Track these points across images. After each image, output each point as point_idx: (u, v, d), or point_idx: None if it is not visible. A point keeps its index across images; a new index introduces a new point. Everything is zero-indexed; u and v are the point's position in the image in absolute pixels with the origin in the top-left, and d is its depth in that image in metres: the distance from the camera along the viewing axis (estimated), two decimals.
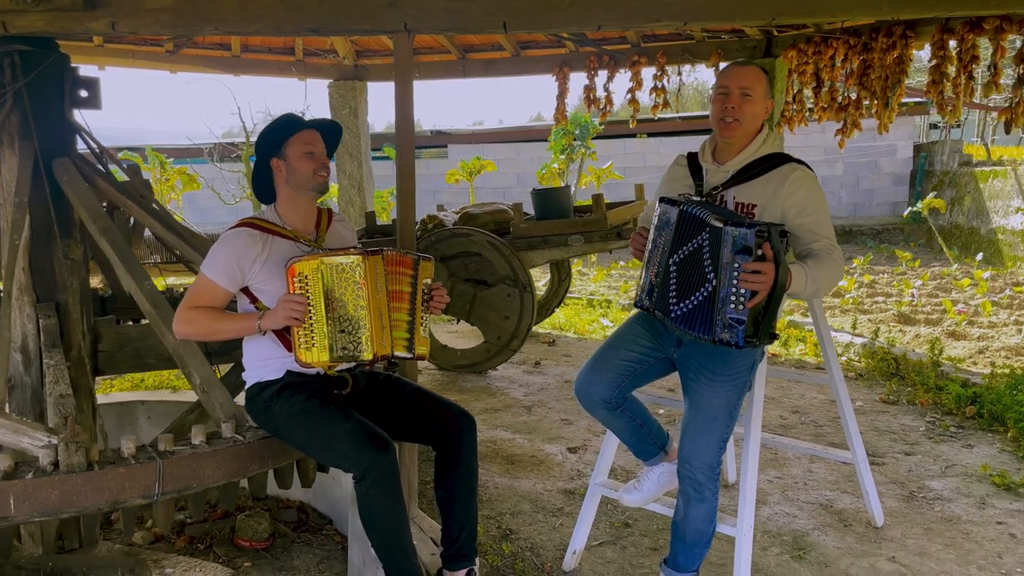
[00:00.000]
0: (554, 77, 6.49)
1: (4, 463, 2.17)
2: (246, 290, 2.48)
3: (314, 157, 2.49)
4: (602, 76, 6.30)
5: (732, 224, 2.24)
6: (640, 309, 2.60)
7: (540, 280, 8.94)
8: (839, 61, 5.48)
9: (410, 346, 2.47)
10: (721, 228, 2.26)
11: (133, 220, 4.01)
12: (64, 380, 2.79)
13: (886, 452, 4.15)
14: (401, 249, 2.68)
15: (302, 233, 2.55)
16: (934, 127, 17.67)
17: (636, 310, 2.67)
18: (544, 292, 7.10)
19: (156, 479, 2.25)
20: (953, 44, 4.68)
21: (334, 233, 2.68)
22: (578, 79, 6.45)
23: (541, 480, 3.87)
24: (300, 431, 2.40)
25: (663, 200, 2.50)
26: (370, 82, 7.58)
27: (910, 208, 12.67)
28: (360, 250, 2.39)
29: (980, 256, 10.57)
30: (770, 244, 2.22)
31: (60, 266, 3.24)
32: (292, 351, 2.37)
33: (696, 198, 2.51)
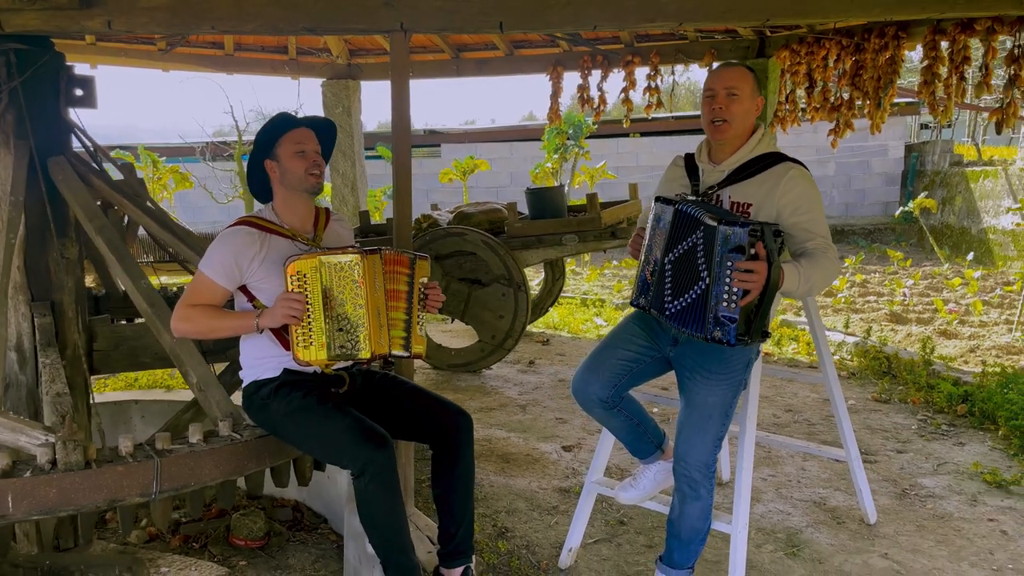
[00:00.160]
0: (548, 76, 6.49)
1: (2, 461, 2.17)
2: (244, 288, 2.48)
3: (305, 156, 2.48)
4: (595, 76, 6.30)
5: (726, 223, 2.26)
6: (636, 307, 2.62)
7: (534, 279, 8.95)
8: (832, 61, 5.51)
9: (407, 345, 2.47)
10: (715, 227, 2.28)
11: (127, 219, 4.00)
12: (60, 379, 2.78)
13: (878, 450, 4.17)
14: (398, 248, 2.69)
15: (300, 232, 2.55)
16: (925, 127, 17.76)
17: (632, 309, 2.69)
18: (538, 291, 7.11)
19: (154, 477, 2.25)
20: (945, 45, 4.71)
21: (332, 232, 2.68)
22: (572, 78, 6.47)
23: (536, 478, 3.88)
24: (298, 428, 2.40)
25: (659, 199, 2.52)
26: (363, 81, 7.58)
27: (901, 208, 12.70)
28: (358, 249, 2.39)
29: (971, 256, 10.62)
30: (763, 243, 2.23)
31: (55, 265, 3.23)
32: (290, 349, 2.37)
33: (691, 197, 2.53)
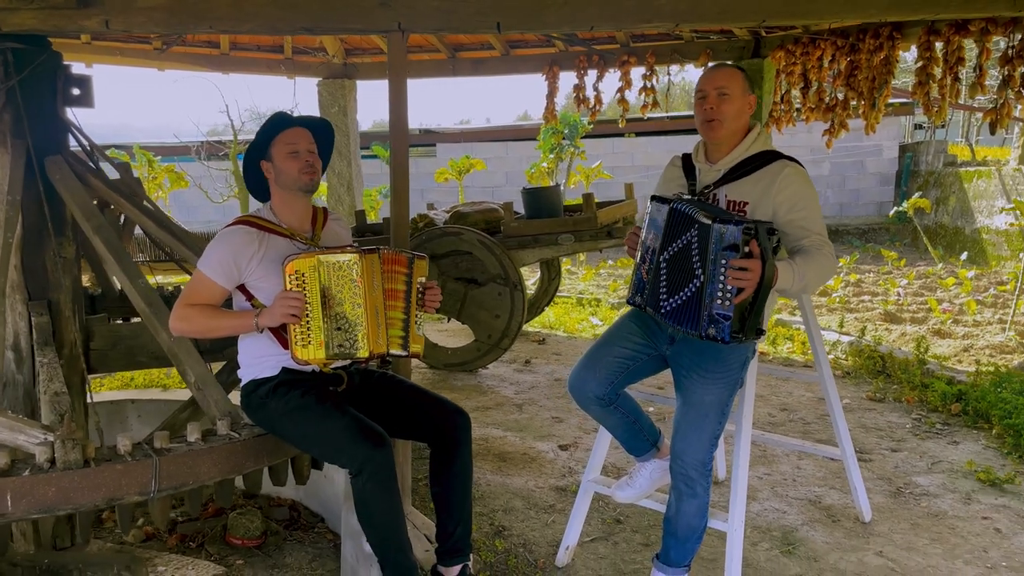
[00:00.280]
0: (544, 76, 6.51)
1: (1, 460, 2.17)
2: (242, 287, 2.48)
3: (298, 156, 2.47)
4: (591, 76, 6.32)
5: (720, 221, 2.28)
6: (632, 306, 2.63)
7: (530, 279, 8.96)
8: (827, 62, 5.53)
9: (405, 344, 2.48)
10: (709, 225, 2.29)
11: (124, 218, 4.00)
12: (58, 378, 2.78)
13: (873, 449, 4.20)
14: (396, 248, 2.70)
15: (298, 231, 2.55)
16: (919, 127, 17.81)
17: (629, 308, 2.70)
18: (534, 291, 7.12)
19: (153, 476, 2.25)
20: (939, 46, 4.74)
21: (330, 232, 2.69)
22: (567, 78, 6.48)
23: (533, 477, 3.89)
24: (297, 427, 2.41)
25: (655, 198, 2.54)
26: (359, 80, 7.58)
27: (896, 208, 12.76)
28: (356, 248, 2.40)
29: (964, 255, 10.66)
30: (757, 241, 2.25)
31: (52, 264, 3.22)
32: (288, 348, 2.38)
33: (687, 196, 2.55)
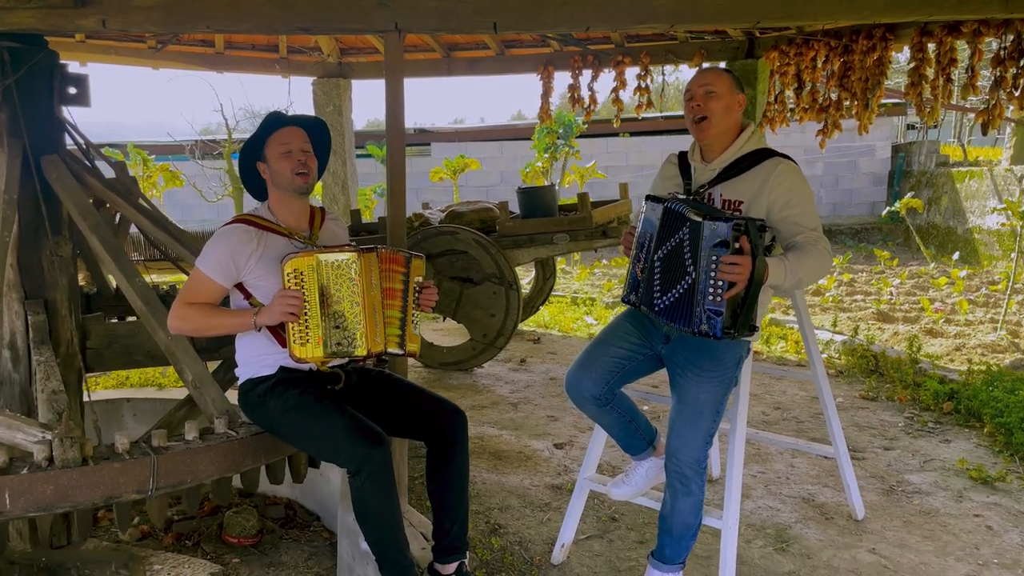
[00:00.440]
0: (539, 76, 6.52)
1: None
2: (240, 286, 2.49)
3: (291, 156, 2.48)
4: (586, 75, 6.34)
5: (710, 219, 2.31)
6: (627, 304, 2.65)
7: (525, 278, 8.98)
8: (820, 62, 5.56)
9: (402, 343, 2.50)
10: (700, 222, 2.32)
11: (119, 217, 4.00)
12: (55, 376, 2.79)
13: (866, 447, 4.22)
14: (393, 247, 2.71)
15: (296, 230, 2.56)
16: (912, 128, 17.88)
17: (625, 307, 2.72)
18: (529, 290, 7.14)
19: (151, 474, 2.27)
20: (932, 47, 4.77)
21: (327, 231, 2.70)
22: (562, 78, 6.50)
23: (528, 476, 3.91)
24: (295, 426, 2.42)
25: (649, 198, 2.56)
26: (354, 80, 7.58)
27: (888, 208, 12.78)
28: (355, 247, 2.41)
29: (957, 255, 10.71)
30: (748, 238, 2.27)
31: (49, 263, 3.23)
32: (286, 347, 2.38)
33: (682, 196, 2.57)
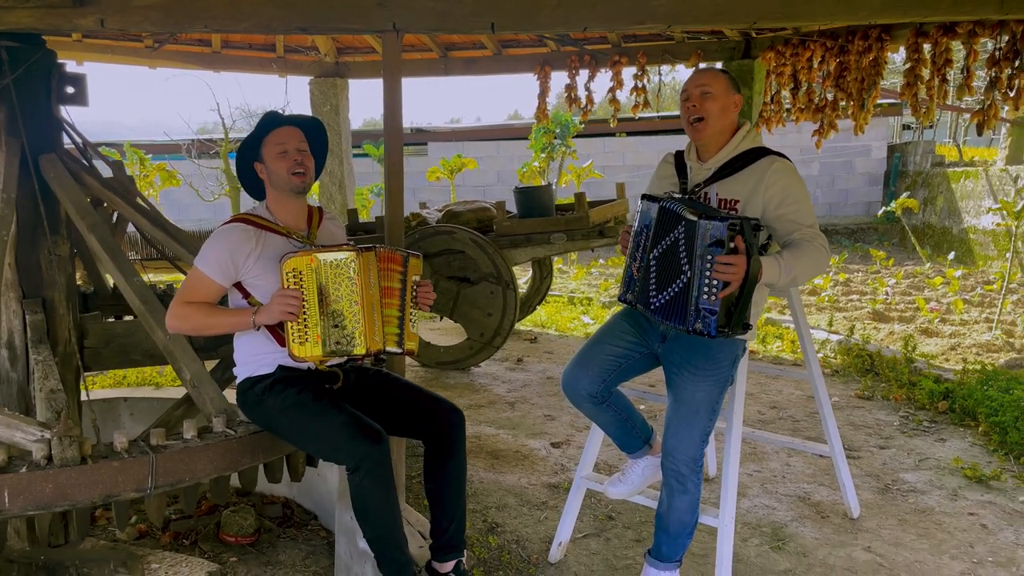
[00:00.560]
0: (536, 76, 6.53)
1: None
2: (239, 285, 2.50)
3: (287, 156, 2.48)
4: (583, 75, 6.35)
5: (706, 218, 2.32)
6: (623, 303, 2.67)
7: (522, 278, 8.99)
8: (816, 63, 5.58)
9: (400, 341, 2.50)
10: (695, 221, 2.34)
11: (116, 216, 4.00)
12: (53, 375, 2.79)
13: (861, 446, 4.24)
14: (391, 246, 2.72)
15: (295, 230, 2.57)
16: (907, 128, 17.92)
17: (621, 306, 2.73)
18: (526, 290, 7.15)
19: (149, 473, 2.27)
20: (927, 47, 4.79)
21: (325, 230, 2.70)
22: (559, 78, 6.50)
23: (525, 474, 3.92)
24: (293, 424, 2.42)
25: (645, 197, 2.58)
26: (351, 79, 7.58)
27: (884, 208, 12.84)
28: (353, 246, 2.42)
29: (952, 255, 10.74)
30: (742, 237, 2.29)
31: (47, 262, 3.23)
32: (285, 346, 2.39)
33: (678, 195, 2.58)
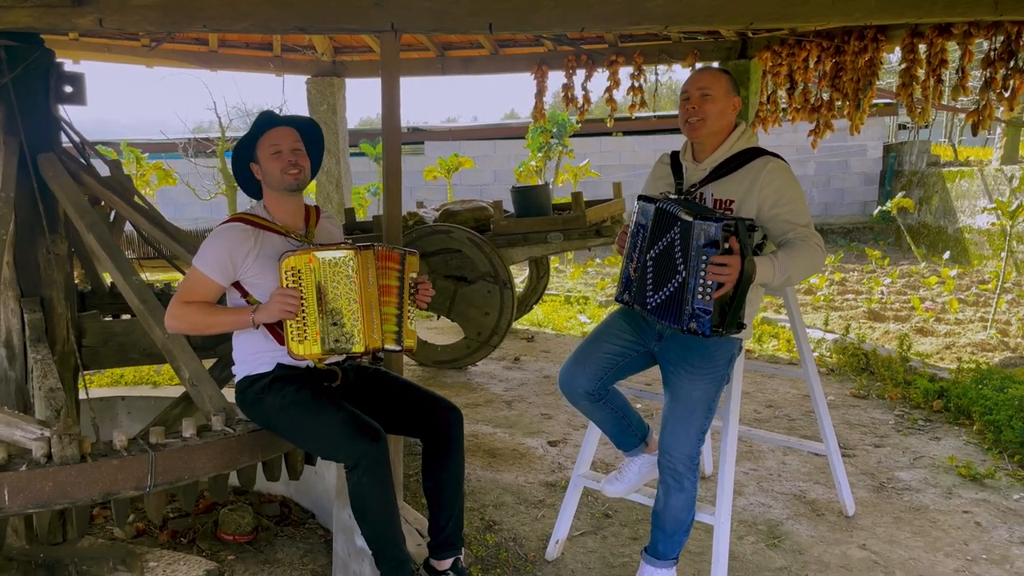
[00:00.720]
0: (532, 75, 6.54)
1: None
2: (237, 284, 2.50)
3: (280, 156, 2.49)
4: (580, 75, 6.36)
5: (701, 218, 2.34)
6: (620, 303, 2.68)
7: (519, 277, 9.00)
8: (812, 63, 5.60)
9: (399, 339, 2.51)
10: (691, 222, 2.35)
11: (114, 215, 4.01)
12: (52, 374, 2.79)
13: (857, 444, 4.26)
14: (387, 244, 2.73)
15: (292, 229, 2.58)
16: (903, 128, 17.97)
17: (618, 305, 2.75)
18: (523, 289, 7.16)
19: (148, 471, 2.28)
20: (923, 48, 4.81)
21: (323, 230, 2.71)
22: (556, 77, 6.52)
23: (523, 473, 3.94)
24: (292, 422, 2.43)
25: (642, 198, 2.59)
26: (348, 78, 7.59)
27: (879, 207, 12.86)
28: (351, 245, 2.43)
29: (947, 255, 10.78)
30: (737, 238, 2.30)
31: (45, 261, 3.24)
32: (284, 344, 2.40)
33: (673, 196, 2.60)
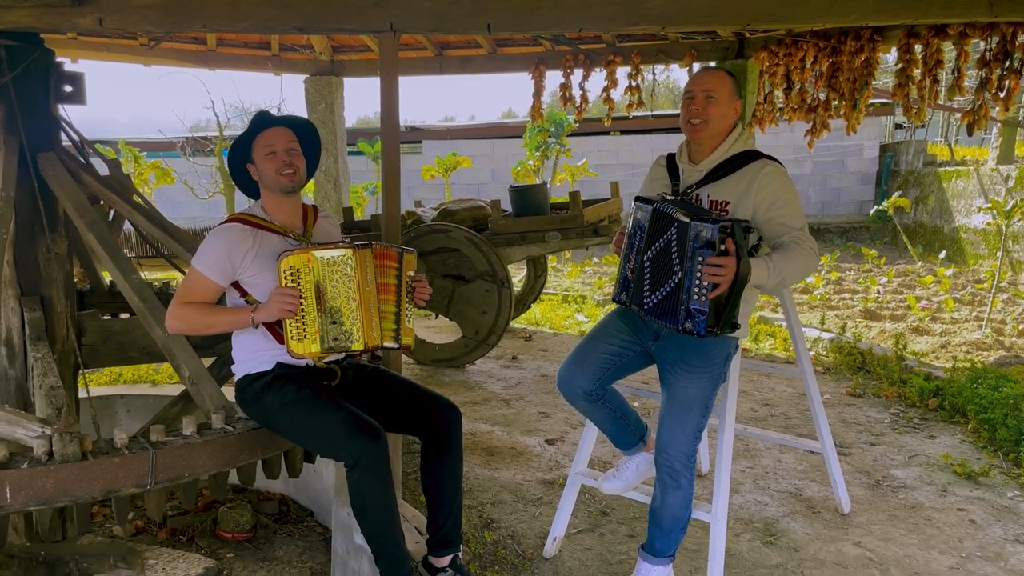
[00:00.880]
0: (530, 75, 6.55)
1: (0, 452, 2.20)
2: (236, 284, 2.51)
3: (275, 157, 2.50)
4: (578, 75, 6.37)
5: (698, 220, 2.36)
6: (618, 304, 2.70)
7: (516, 276, 9.01)
8: (809, 63, 5.62)
9: (397, 337, 2.53)
10: (687, 223, 2.37)
11: (113, 214, 4.02)
12: (53, 372, 2.80)
13: (852, 443, 4.29)
14: (385, 242, 2.75)
15: (290, 228, 2.59)
16: (899, 127, 18.00)
17: (616, 305, 2.77)
18: (520, 288, 7.17)
19: (149, 468, 2.30)
20: (919, 48, 4.84)
21: (320, 229, 2.72)
22: (554, 77, 6.53)
23: (520, 471, 3.95)
24: (292, 421, 2.44)
25: (639, 199, 2.61)
26: (346, 78, 7.59)
27: (876, 207, 12.90)
28: (349, 244, 2.44)
29: (943, 254, 10.81)
30: (733, 240, 2.32)
31: (45, 260, 3.25)
32: (283, 343, 2.41)
33: (670, 197, 2.62)
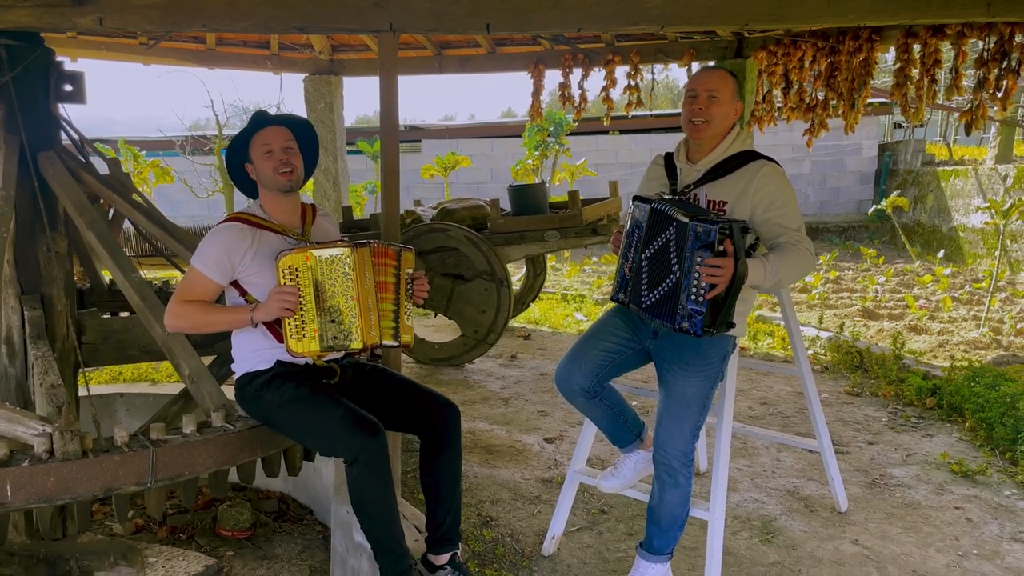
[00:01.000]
0: (529, 74, 6.56)
1: (1, 450, 2.21)
2: (235, 283, 2.52)
3: (272, 156, 2.51)
4: (576, 74, 6.38)
5: (697, 220, 2.37)
6: (616, 303, 2.71)
7: (515, 275, 9.02)
8: (807, 63, 5.64)
9: (396, 335, 2.54)
10: (686, 223, 2.38)
11: (112, 212, 4.03)
12: (53, 371, 2.81)
13: (850, 441, 4.30)
14: (384, 241, 2.75)
15: (289, 227, 2.60)
16: (898, 127, 18.01)
17: (613, 304, 2.78)
18: (519, 287, 7.18)
19: (150, 466, 2.30)
20: (917, 48, 4.85)
21: (319, 228, 2.73)
22: (553, 76, 6.54)
23: (519, 469, 3.97)
24: (292, 418, 2.45)
25: (636, 199, 2.62)
26: (345, 77, 7.60)
27: (874, 206, 12.93)
28: (348, 242, 2.45)
29: (941, 253, 10.82)
30: (731, 240, 2.33)
31: (45, 259, 3.26)
32: (283, 342, 2.42)
33: (668, 196, 2.63)
